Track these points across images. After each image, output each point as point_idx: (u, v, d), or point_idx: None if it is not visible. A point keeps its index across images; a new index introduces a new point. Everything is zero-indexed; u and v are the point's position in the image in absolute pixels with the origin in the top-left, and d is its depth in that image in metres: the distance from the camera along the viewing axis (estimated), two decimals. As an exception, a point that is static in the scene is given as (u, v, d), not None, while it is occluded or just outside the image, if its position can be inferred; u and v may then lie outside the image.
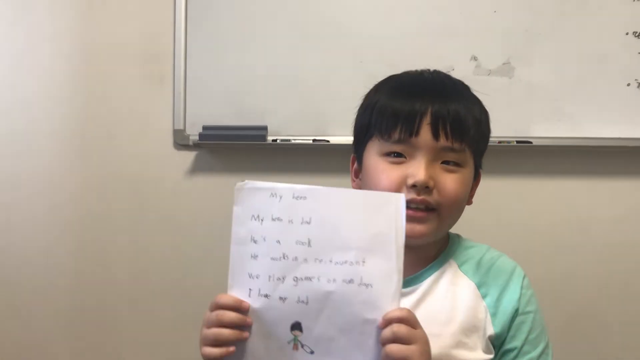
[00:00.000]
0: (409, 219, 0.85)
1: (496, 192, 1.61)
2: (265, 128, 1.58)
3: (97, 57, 1.67)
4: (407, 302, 0.92)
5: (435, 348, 0.85)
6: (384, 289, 0.80)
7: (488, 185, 1.60)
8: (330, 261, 0.80)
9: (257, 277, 0.82)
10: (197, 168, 1.66)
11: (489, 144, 1.51)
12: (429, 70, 0.99)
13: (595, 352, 1.61)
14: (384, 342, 0.78)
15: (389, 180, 0.89)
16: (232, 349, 0.80)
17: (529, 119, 1.56)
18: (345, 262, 0.80)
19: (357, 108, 0.99)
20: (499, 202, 1.61)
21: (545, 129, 1.56)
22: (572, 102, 1.56)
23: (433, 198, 0.88)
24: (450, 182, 0.89)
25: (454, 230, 1.02)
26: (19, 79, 1.68)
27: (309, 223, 0.81)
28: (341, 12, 1.59)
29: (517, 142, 1.55)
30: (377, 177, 0.91)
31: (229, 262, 0.83)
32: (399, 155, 0.90)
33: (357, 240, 0.81)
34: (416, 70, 0.99)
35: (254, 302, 0.82)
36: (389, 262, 0.80)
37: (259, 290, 0.82)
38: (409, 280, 0.94)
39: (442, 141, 0.89)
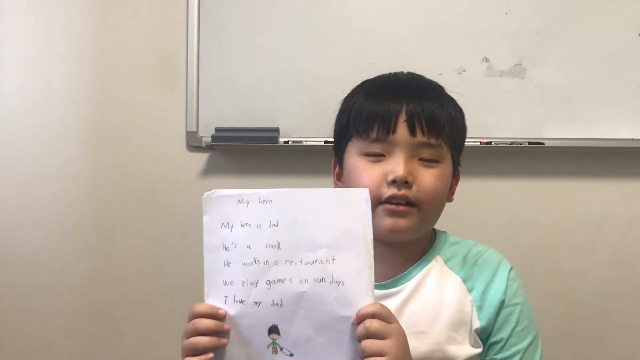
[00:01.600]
0: (391, 214, 0.89)
1: (508, 193, 1.61)
2: (277, 130, 1.58)
3: (110, 60, 1.69)
4: (394, 301, 0.94)
5: (424, 345, 0.89)
6: (356, 285, 0.81)
7: (500, 186, 1.62)
8: (301, 262, 0.81)
9: (231, 284, 0.83)
10: (209, 170, 1.67)
11: (501, 145, 1.54)
12: (402, 72, 1.02)
13: (604, 352, 1.60)
14: (359, 339, 0.79)
15: (370, 179, 0.91)
16: (210, 355, 0.80)
17: (540, 120, 1.56)
18: (315, 261, 0.81)
19: (335, 113, 1.02)
20: (510, 203, 1.61)
21: (557, 130, 1.55)
22: (583, 103, 1.55)
23: (412, 193, 0.90)
24: (428, 177, 0.91)
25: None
26: (33, 82, 1.70)
27: (276, 226, 0.82)
28: (353, 13, 1.59)
29: (529, 143, 1.55)
30: (358, 177, 0.93)
31: (204, 271, 0.84)
32: (378, 154, 0.93)
33: (326, 239, 0.82)
34: (390, 73, 1.02)
35: (230, 309, 0.82)
36: (359, 257, 0.81)
37: (234, 296, 0.82)
38: (396, 280, 0.96)
39: (419, 137, 0.91)
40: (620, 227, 1.60)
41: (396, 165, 0.90)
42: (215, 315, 0.82)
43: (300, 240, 0.82)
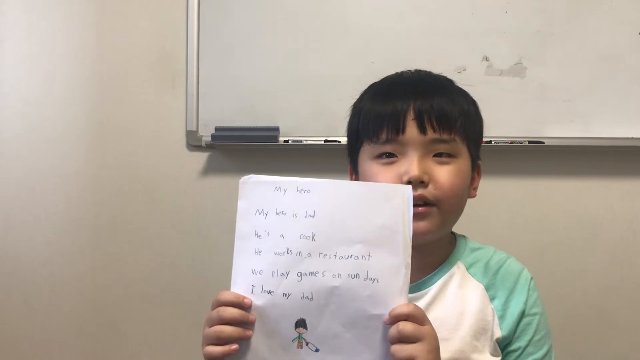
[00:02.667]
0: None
1: (508, 192, 1.61)
2: (277, 129, 1.58)
3: (110, 59, 1.69)
4: None
5: (446, 352, 0.85)
6: (391, 284, 0.78)
7: (500, 185, 1.62)
8: (335, 255, 0.79)
9: (260, 273, 0.80)
10: (209, 169, 1.67)
11: (501, 144, 1.54)
12: (409, 70, 1.00)
13: (604, 350, 1.60)
14: (391, 341, 0.77)
15: (385, 181, 0.89)
16: (234, 346, 0.78)
17: (541, 119, 1.56)
18: (351, 256, 0.79)
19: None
20: (511, 202, 1.61)
21: (557, 129, 1.55)
22: (584, 102, 1.55)
23: (430, 192, 0.88)
24: (444, 173, 0.89)
25: (463, 230, 1.02)
26: (33, 81, 1.70)
27: (312, 217, 0.79)
28: (353, 13, 1.59)
29: (529, 142, 1.55)
30: (373, 181, 0.91)
31: (233, 258, 0.81)
32: (390, 155, 0.91)
33: (363, 234, 0.79)
34: (396, 72, 1.00)
35: (257, 299, 0.79)
36: (396, 255, 0.79)
37: (262, 286, 0.79)
38: (417, 285, 0.94)
39: (430, 134, 0.89)
40: (620, 226, 1.60)
41: (410, 166, 0.88)
42: (240, 304, 0.79)
43: (336, 233, 0.79)
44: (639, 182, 1.59)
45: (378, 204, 0.79)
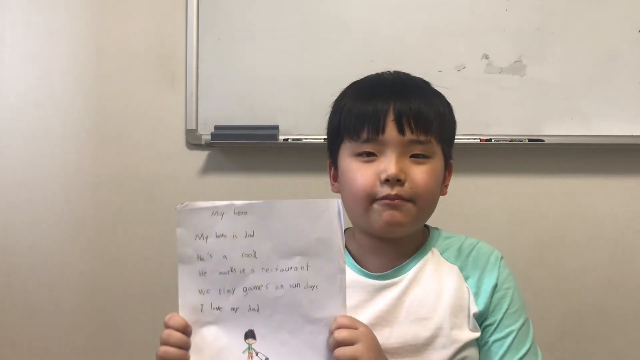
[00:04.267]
0: (387, 207, 0.93)
1: (508, 191, 1.61)
2: (276, 127, 1.58)
3: (109, 58, 1.69)
4: (395, 291, 0.97)
5: (427, 330, 0.94)
6: (330, 289, 0.85)
7: (500, 183, 1.62)
8: (276, 269, 0.85)
9: (207, 292, 0.85)
10: (209, 167, 1.67)
11: (501, 142, 1.54)
12: (389, 71, 1.05)
13: (604, 349, 1.60)
14: (331, 349, 0.84)
15: (363, 179, 0.94)
16: None
17: (540, 117, 1.56)
18: (290, 268, 0.85)
19: (327, 115, 1.06)
20: (510, 201, 1.61)
21: (557, 127, 1.55)
22: (584, 100, 1.55)
23: (405, 191, 0.93)
24: (420, 173, 0.94)
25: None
26: (32, 80, 1.70)
27: (252, 236, 0.85)
28: (352, 11, 1.59)
29: (529, 140, 1.54)
30: (352, 178, 0.96)
31: (178, 282, 0.86)
32: (369, 154, 0.96)
33: (300, 247, 0.85)
34: (377, 73, 1.05)
35: (207, 316, 0.85)
36: (332, 263, 0.85)
37: (211, 304, 0.85)
38: (394, 271, 0.99)
39: (408, 135, 0.94)
40: (620, 224, 1.60)
41: (388, 164, 0.93)
42: (184, 331, 0.85)
43: (275, 248, 0.85)
44: (639, 179, 1.59)
45: (312, 219, 0.85)
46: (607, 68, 1.54)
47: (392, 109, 0.94)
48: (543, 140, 1.54)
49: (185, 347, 0.85)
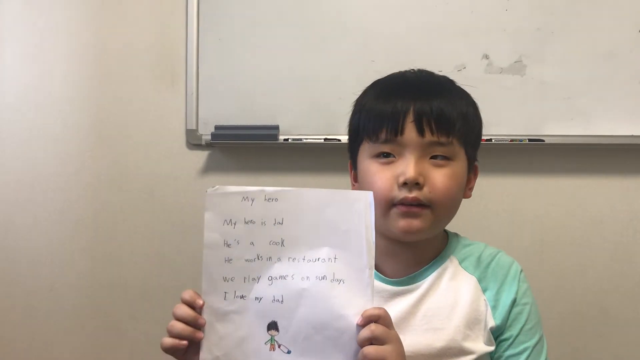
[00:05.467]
0: (405, 215, 0.90)
1: (508, 191, 1.61)
2: (276, 127, 1.58)
3: (110, 58, 1.69)
4: (410, 299, 0.95)
5: (440, 341, 0.91)
6: (356, 284, 0.82)
7: (500, 184, 1.62)
8: (304, 259, 0.83)
9: (232, 280, 0.84)
10: (209, 167, 1.67)
11: (501, 142, 1.54)
12: (412, 70, 1.02)
13: (604, 348, 1.60)
14: (361, 342, 0.80)
15: (382, 181, 0.92)
16: (184, 342, 0.83)
17: (541, 117, 1.56)
18: (318, 259, 0.83)
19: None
20: (511, 201, 1.61)
21: (557, 127, 1.55)
22: (584, 100, 1.55)
23: (424, 194, 0.90)
24: (440, 176, 0.91)
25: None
26: (32, 80, 1.70)
27: (281, 224, 0.83)
28: (352, 11, 1.59)
29: (529, 140, 1.54)
30: (370, 180, 0.93)
31: (202, 267, 0.85)
32: (388, 155, 0.93)
33: (329, 238, 0.83)
34: (400, 72, 1.02)
35: (231, 304, 0.84)
36: (360, 258, 0.82)
37: (235, 292, 0.84)
38: (411, 277, 0.97)
39: (428, 137, 0.91)
40: (620, 224, 1.60)
41: (406, 167, 0.90)
42: (193, 304, 0.84)
43: (304, 238, 0.83)
44: (639, 179, 1.59)
45: (342, 210, 0.83)
46: (607, 68, 1.54)
47: (412, 109, 0.91)
48: (543, 140, 1.54)
49: (193, 322, 0.83)
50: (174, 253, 1.68)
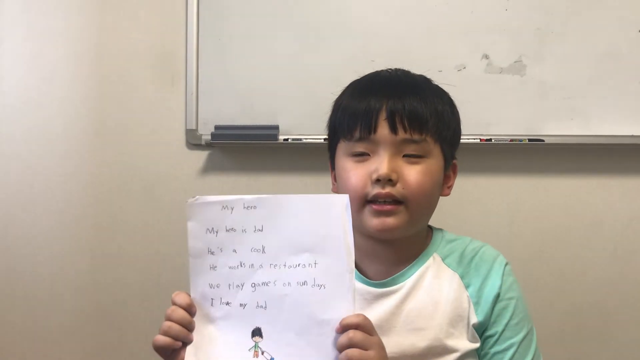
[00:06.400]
0: (378, 213, 0.91)
1: (508, 191, 1.61)
2: (276, 127, 1.58)
3: (109, 58, 1.69)
4: (392, 300, 0.95)
5: (424, 340, 0.91)
6: (337, 289, 0.83)
7: (500, 183, 1.62)
8: (285, 265, 0.84)
9: (217, 287, 0.85)
10: (209, 167, 1.67)
11: (501, 142, 1.54)
12: (388, 69, 1.03)
13: (605, 349, 1.60)
14: (340, 348, 0.80)
15: (356, 179, 0.93)
16: (179, 343, 0.83)
17: (540, 117, 1.56)
18: (298, 265, 0.84)
19: (328, 115, 1.04)
20: (510, 200, 1.61)
21: (557, 127, 1.55)
22: (584, 100, 1.55)
23: (397, 191, 0.91)
24: (413, 173, 0.92)
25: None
26: (32, 80, 1.70)
27: (261, 230, 0.85)
28: (352, 11, 1.59)
29: (529, 140, 1.54)
30: (346, 177, 0.94)
31: (189, 276, 0.87)
32: (362, 154, 0.94)
33: (308, 244, 0.84)
34: (376, 71, 1.03)
35: (216, 311, 0.85)
36: (340, 262, 0.83)
37: (221, 299, 0.85)
38: (393, 278, 0.97)
39: (401, 134, 0.92)
40: (620, 224, 1.60)
41: (380, 164, 0.91)
42: (189, 310, 0.85)
43: (284, 244, 0.84)
44: (639, 180, 1.59)
45: (320, 215, 0.84)
46: (607, 68, 1.54)
47: (384, 107, 0.92)
48: (543, 140, 1.54)
49: (188, 325, 0.84)
50: (173, 253, 1.67)
